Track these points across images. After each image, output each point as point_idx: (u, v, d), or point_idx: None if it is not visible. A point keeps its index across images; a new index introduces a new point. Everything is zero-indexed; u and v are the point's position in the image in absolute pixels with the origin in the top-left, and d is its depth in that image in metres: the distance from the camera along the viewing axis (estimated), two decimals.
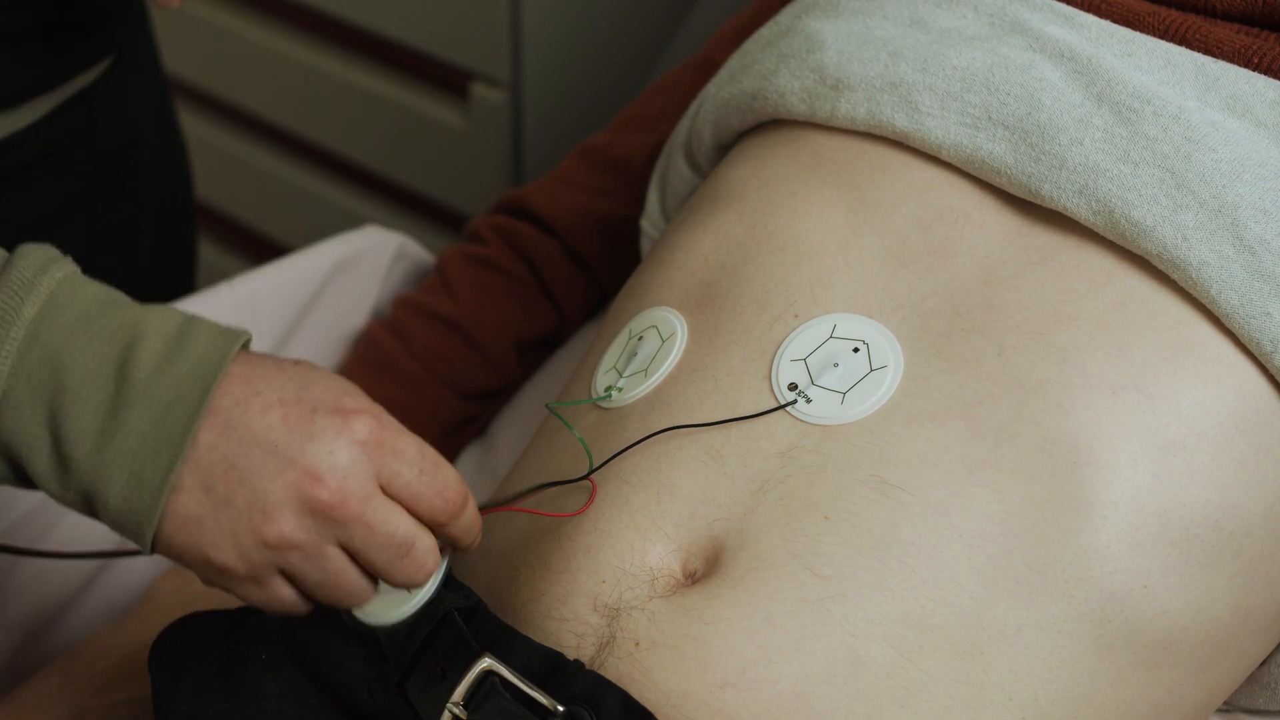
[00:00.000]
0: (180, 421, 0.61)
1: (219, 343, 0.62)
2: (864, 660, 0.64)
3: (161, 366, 0.61)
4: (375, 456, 0.62)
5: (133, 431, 0.61)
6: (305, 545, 0.62)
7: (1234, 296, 0.69)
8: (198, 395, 0.61)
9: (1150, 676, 0.69)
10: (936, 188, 0.76)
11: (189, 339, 0.62)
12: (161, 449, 0.61)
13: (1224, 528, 0.68)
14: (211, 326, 0.63)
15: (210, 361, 0.62)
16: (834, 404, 0.70)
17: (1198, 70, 0.76)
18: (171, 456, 0.61)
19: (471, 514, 0.66)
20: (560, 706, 0.64)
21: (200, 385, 0.61)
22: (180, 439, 0.61)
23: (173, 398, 0.61)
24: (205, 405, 0.61)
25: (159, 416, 0.61)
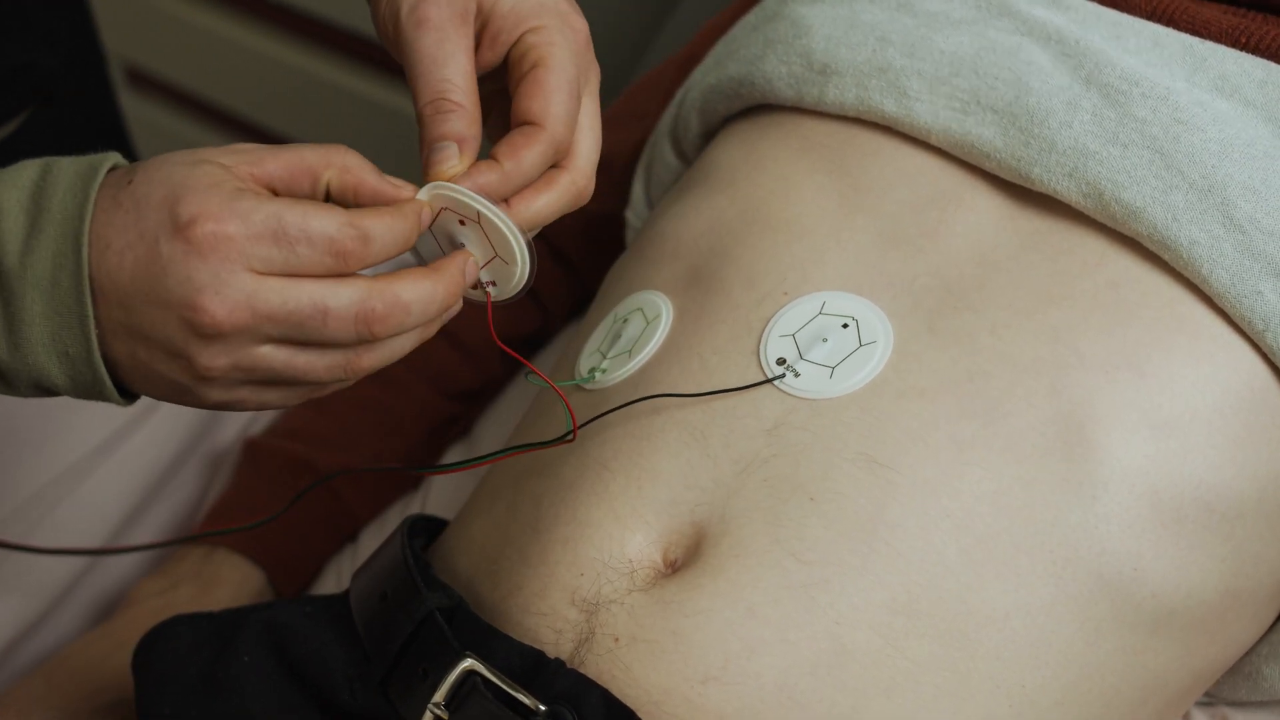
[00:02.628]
0: (71, 293, 0.58)
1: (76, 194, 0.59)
2: (849, 649, 0.63)
3: (28, 244, 0.58)
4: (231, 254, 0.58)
5: (35, 317, 0.59)
6: (235, 366, 0.59)
7: (1225, 275, 0.68)
8: (74, 263, 0.58)
9: (1138, 660, 0.68)
10: (927, 172, 0.75)
11: (46, 201, 0.59)
12: (71, 322, 0.59)
13: (1216, 509, 0.68)
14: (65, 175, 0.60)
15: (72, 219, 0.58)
16: (823, 378, 0.69)
17: (1186, 51, 0.75)
18: (84, 327, 0.59)
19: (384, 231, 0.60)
20: (542, 706, 0.63)
21: (72, 245, 0.58)
22: (80, 306, 0.58)
23: (53, 270, 0.58)
24: (84, 269, 0.58)
25: (49, 294, 0.59)
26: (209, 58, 1.82)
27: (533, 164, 0.64)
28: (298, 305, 0.58)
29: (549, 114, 0.64)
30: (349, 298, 0.59)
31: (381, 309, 0.59)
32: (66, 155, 1.10)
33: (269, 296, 0.58)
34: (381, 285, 0.60)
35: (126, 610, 0.94)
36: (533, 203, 0.65)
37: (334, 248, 0.59)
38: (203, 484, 1.06)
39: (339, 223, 0.59)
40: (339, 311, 0.59)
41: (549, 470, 0.72)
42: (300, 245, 0.58)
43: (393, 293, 0.60)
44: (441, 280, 0.62)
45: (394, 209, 0.61)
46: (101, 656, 0.90)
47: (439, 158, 0.63)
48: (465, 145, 0.63)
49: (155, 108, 1.94)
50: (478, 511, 0.76)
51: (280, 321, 0.58)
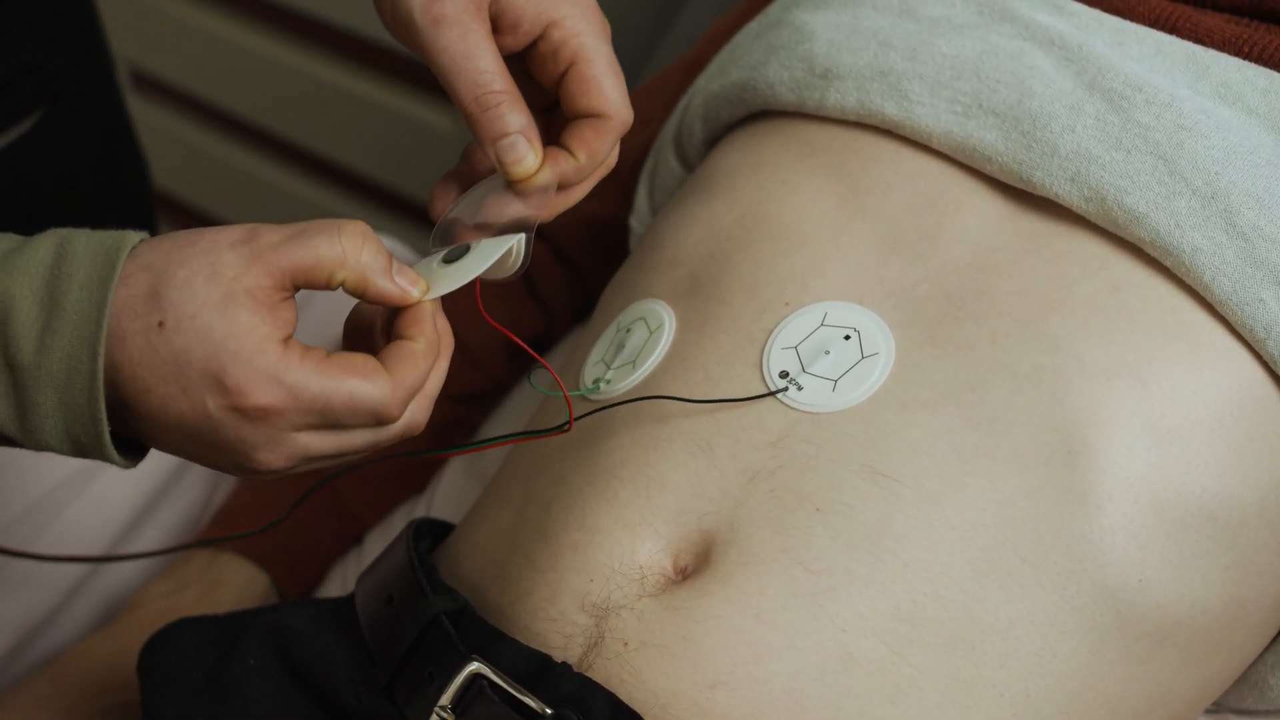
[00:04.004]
0: (84, 395, 0.59)
1: (93, 294, 0.59)
2: (855, 657, 0.64)
3: (43, 342, 0.59)
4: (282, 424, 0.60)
5: (49, 411, 0.59)
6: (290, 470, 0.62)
7: (1227, 283, 0.68)
8: (89, 369, 0.59)
9: (1142, 670, 0.68)
10: (927, 175, 0.75)
11: (61, 295, 0.59)
12: (84, 418, 0.59)
13: (1219, 518, 0.68)
14: (81, 265, 0.59)
15: (88, 323, 0.59)
16: (825, 392, 0.69)
17: (1189, 59, 0.75)
18: (96, 425, 0.59)
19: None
20: (549, 709, 0.63)
21: (88, 351, 0.58)
22: (94, 408, 0.59)
23: (68, 372, 0.59)
24: (99, 378, 0.59)
25: (63, 393, 0.59)
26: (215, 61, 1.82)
27: (604, 153, 0.67)
28: (351, 447, 0.62)
29: (609, 103, 0.66)
30: (397, 431, 0.63)
31: (423, 416, 0.63)
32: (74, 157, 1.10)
33: (321, 446, 0.61)
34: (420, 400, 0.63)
35: (132, 612, 0.94)
36: None
37: (378, 416, 0.61)
38: (209, 487, 1.06)
39: (384, 394, 0.61)
40: (389, 440, 0.63)
41: (557, 477, 0.72)
42: (346, 418, 0.61)
43: (428, 398, 0.64)
44: (448, 350, 0.65)
45: (423, 353, 0.62)
46: (107, 658, 0.91)
47: (512, 157, 0.65)
48: (529, 134, 0.65)
49: (161, 111, 1.95)
50: (484, 517, 0.76)
51: (335, 455, 0.62)
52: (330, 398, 0.59)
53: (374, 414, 0.61)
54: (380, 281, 0.62)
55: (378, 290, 0.62)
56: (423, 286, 0.63)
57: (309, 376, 0.59)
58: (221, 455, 0.61)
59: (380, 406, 0.60)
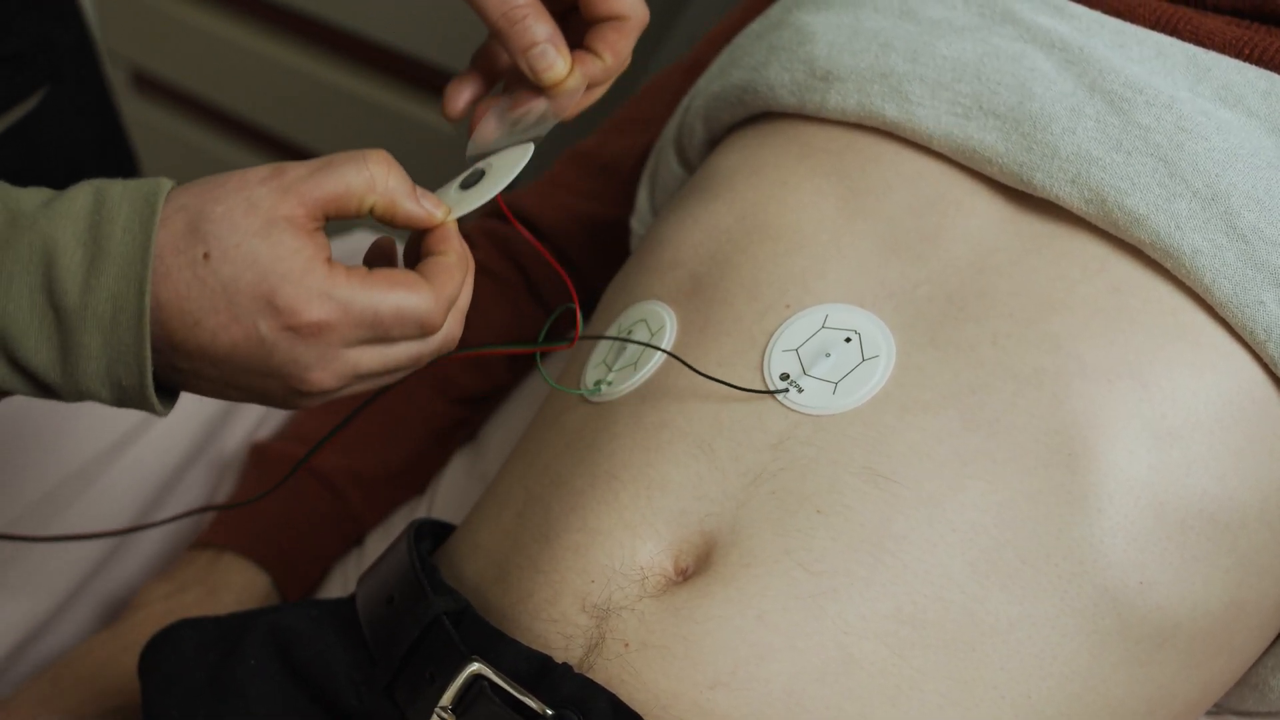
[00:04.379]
0: (131, 333, 0.60)
1: (136, 235, 0.60)
2: (856, 658, 0.64)
3: (88, 283, 0.60)
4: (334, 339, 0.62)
5: (92, 353, 0.60)
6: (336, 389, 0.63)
7: (1227, 285, 0.68)
8: (135, 307, 0.60)
9: (1143, 673, 0.68)
10: (927, 177, 0.76)
11: (104, 239, 0.60)
12: (128, 359, 0.60)
13: (1220, 520, 0.68)
14: (121, 209, 0.61)
15: (134, 262, 0.60)
16: (826, 394, 0.69)
17: (1189, 61, 0.76)
18: (140, 365, 0.61)
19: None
20: (549, 710, 0.63)
21: (135, 289, 0.60)
22: (139, 347, 0.60)
23: (113, 311, 0.60)
24: (145, 316, 0.60)
25: (108, 334, 0.60)
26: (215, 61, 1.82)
27: (627, 52, 0.71)
28: (397, 361, 0.64)
29: (627, 4, 0.71)
30: (437, 343, 0.65)
31: (457, 330, 0.66)
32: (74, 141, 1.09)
33: (370, 363, 0.63)
34: (455, 312, 0.66)
35: (133, 613, 0.94)
36: None
37: (423, 326, 0.63)
38: (209, 488, 1.07)
39: (430, 305, 0.63)
40: (430, 353, 0.65)
41: (558, 479, 0.72)
42: (394, 329, 0.63)
43: (461, 311, 0.66)
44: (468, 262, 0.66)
45: (457, 264, 0.65)
46: (108, 659, 0.91)
47: (543, 65, 0.69)
48: (556, 42, 0.69)
49: (160, 111, 1.94)
50: (485, 518, 0.76)
51: (381, 371, 0.64)
52: (379, 308, 0.61)
53: (420, 323, 0.63)
54: (407, 204, 0.64)
55: (406, 213, 0.64)
56: (445, 209, 0.66)
57: (356, 291, 0.61)
58: (273, 380, 0.62)
59: (426, 315, 0.63)
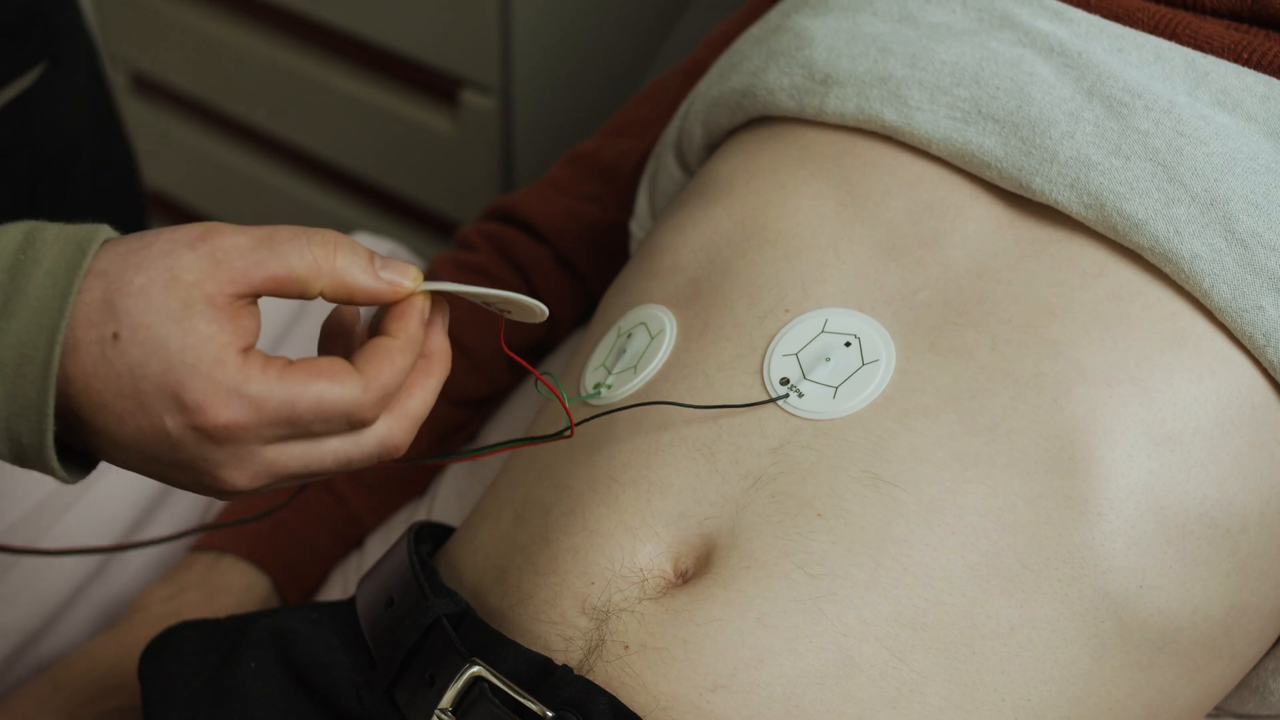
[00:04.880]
0: (34, 388, 0.55)
1: (58, 282, 0.55)
2: (856, 661, 0.64)
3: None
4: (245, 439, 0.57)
5: None
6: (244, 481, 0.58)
7: (1226, 290, 0.68)
8: (43, 358, 0.55)
9: (1144, 677, 0.68)
10: (926, 181, 0.76)
11: (24, 280, 0.55)
12: (30, 414, 0.56)
13: (1220, 525, 0.68)
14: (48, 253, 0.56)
15: (48, 311, 0.55)
16: (826, 399, 0.69)
17: (1188, 65, 0.76)
18: (41, 423, 0.56)
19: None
20: (550, 712, 0.63)
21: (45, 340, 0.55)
22: (42, 404, 0.55)
23: (18, 361, 0.55)
24: (52, 369, 0.55)
25: (11, 383, 0.55)
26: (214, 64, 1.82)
27: None
28: (320, 465, 0.59)
29: None
30: (372, 446, 0.60)
31: (402, 438, 0.61)
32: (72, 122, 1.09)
33: (289, 462, 0.58)
34: (400, 413, 0.60)
35: (133, 616, 0.94)
36: None
37: (351, 418, 0.58)
38: None
39: (355, 395, 0.57)
40: (362, 460, 0.60)
41: (557, 482, 0.72)
42: (315, 425, 0.57)
43: (410, 418, 0.61)
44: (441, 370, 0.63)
45: (401, 349, 0.59)
46: (107, 662, 0.91)
47: None
48: None
49: (159, 113, 1.95)
50: (484, 520, 0.76)
51: (303, 476, 0.59)
52: (296, 404, 0.56)
53: (345, 416, 0.57)
54: (364, 281, 0.59)
55: (365, 291, 0.59)
56: (414, 275, 0.60)
57: (272, 386, 0.56)
58: (185, 474, 0.58)
59: (352, 407, 0.57)
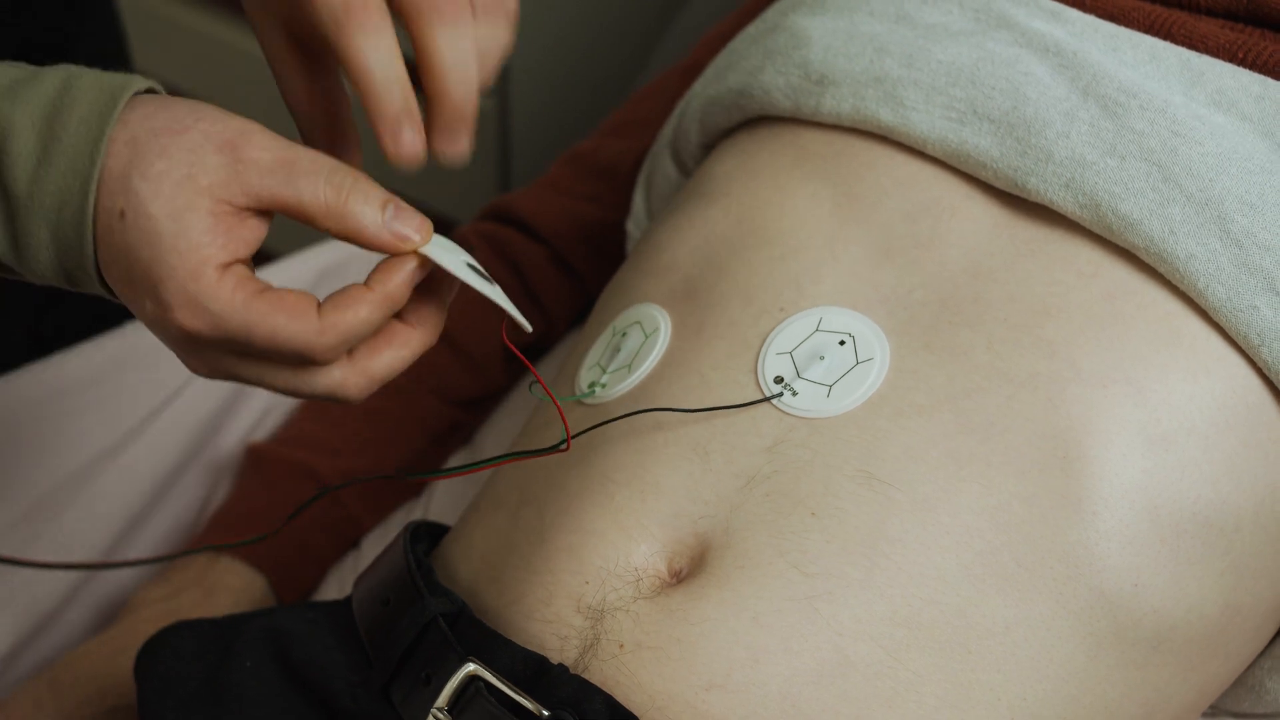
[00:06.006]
0: (74, 229, 0.59)
1: (91, 129, 0.58)
2: (851, 660, 0.64)
3: (37, 173, 0.58)
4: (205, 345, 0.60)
5: (42, 243, 0.59)
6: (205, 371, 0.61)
7: (1221, 290, 0.68)
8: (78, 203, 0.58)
9: (1139, 676, 0.68)
10: (922, 181, 0.76)
11: (60, 129, 0.58)
12: (74, 252, 0.59)
13: (1214, 524, 0.68)
14: (82, 101, 0.59)
15: (82, 158, 0.58)
16: (820, 397, 0.69)
17: (1183, 65, 0.76)
18: (83, 259, 0.59)
19: None
20: (545, 711, 0.63)
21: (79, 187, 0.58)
22: (81, 244, 0.59)
23: (59, 205, 0.58)
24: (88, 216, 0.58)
25: (54, 226, 0.59)
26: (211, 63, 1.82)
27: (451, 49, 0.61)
28: (272, 387, 0.61)
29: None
30: (321, 387, 0.61)
31: (355, 392, 0.61)
32: None
33: (246, 374, 0.61)
34: (358, 367, 0.61)
35: (129, 616, 0.94)
36: None
37: (303, 355, 0.59)
38: (205, 490, 1.07)
39: (308, 336, 0.59)
40: (310, 394, 0.61)
41: (552, 481, 0.72)
42: (269, 353, 0.59)
43: (367, 375, 0.61)
44: (419, 339, 0.62)
45: (371, 301, 0.60)
46: (104, 662, 0.91)
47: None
48: None
49: None
50: (480, 519, 0.76)
51: (260, 384, 0.61)
52: (251, 331, 0.58)
53: (296, 353, 0.59)
54: (371, 229, 0.59)
55: (370, 239, 0.60)
56: (427, 232, 0.61)
57: (235, 308, 0.58)
58: (168, 344, 0.61)
59: (303, 347, 0.59)
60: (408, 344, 0.62)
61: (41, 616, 0.98)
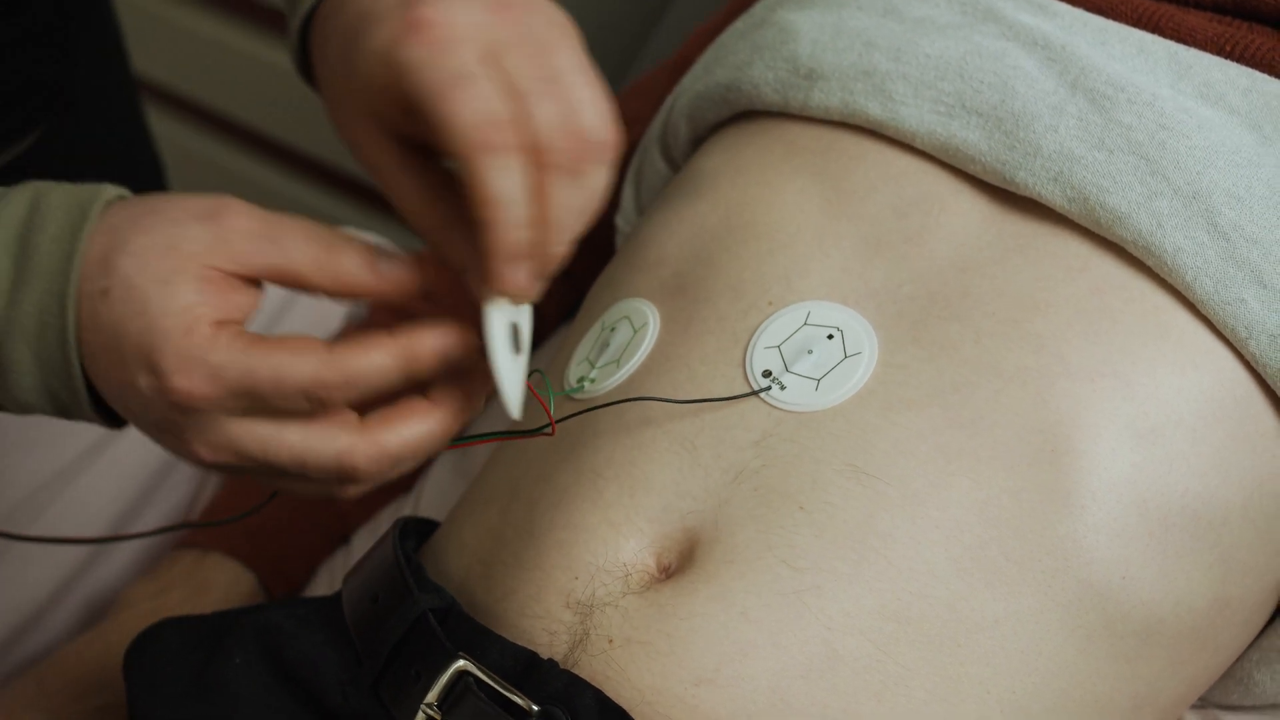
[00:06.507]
0: (57, 350, 0.58)
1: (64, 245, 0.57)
2: (840, 655, 0.64)
3: (14, 295, 0.58)
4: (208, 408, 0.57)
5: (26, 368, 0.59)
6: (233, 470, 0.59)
7: (1209, 283, 0.68)
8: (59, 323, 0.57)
9: (1128, 669, 0.68)
10: (911, 175, 0.76)
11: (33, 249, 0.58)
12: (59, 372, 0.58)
13: (1202, 517, 0.68)
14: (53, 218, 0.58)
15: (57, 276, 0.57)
16: (808, 391, 0.69)
17: (1171, 58, 0.76)
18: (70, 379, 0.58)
19: None
20: (535, 706, 0.63)
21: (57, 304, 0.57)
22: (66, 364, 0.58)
23: (39, 326, 0.58)
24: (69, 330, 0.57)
25: (36, 347, 0.58)
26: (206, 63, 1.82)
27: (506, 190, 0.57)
28: (276, 457, 0.58)
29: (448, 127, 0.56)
30: (330, 454, 0.58)
31: (364, 464, 0.58)
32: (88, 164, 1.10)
33: (249, 443, 0.58)
34: (369, 437, 0.58)
35: (118, 614, 0.94)
36: None
37: (312, 394, 0.57)
38: (194, 486, 1.06)
39: (315, 368, 0.56)
40: (317, 465, 0.58)
41: (542, 477, 0.72)
42: (274, 399, 0.57)
43: (379, 446, 0.58)
44: (440, 421, 0.60)
45: (383, 345, 0.57)
46: (93, 660, 0.90)
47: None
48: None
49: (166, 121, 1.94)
50: (469, 515, 0.76)
51: (262, 463, 0.58)
52: (254, 373, 0.56)
53: (303, 390, 0.56)
54: (365, 279, 0.58)
55: (367, 289, 0.58)
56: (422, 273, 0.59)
57: (234, 356, 0.56)
58: (164, 436, 0.59)
59: (310, 381, 0.56)
60: (427, 421, 0.59)
61: (28, 616, 0.98)
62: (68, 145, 1.04)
